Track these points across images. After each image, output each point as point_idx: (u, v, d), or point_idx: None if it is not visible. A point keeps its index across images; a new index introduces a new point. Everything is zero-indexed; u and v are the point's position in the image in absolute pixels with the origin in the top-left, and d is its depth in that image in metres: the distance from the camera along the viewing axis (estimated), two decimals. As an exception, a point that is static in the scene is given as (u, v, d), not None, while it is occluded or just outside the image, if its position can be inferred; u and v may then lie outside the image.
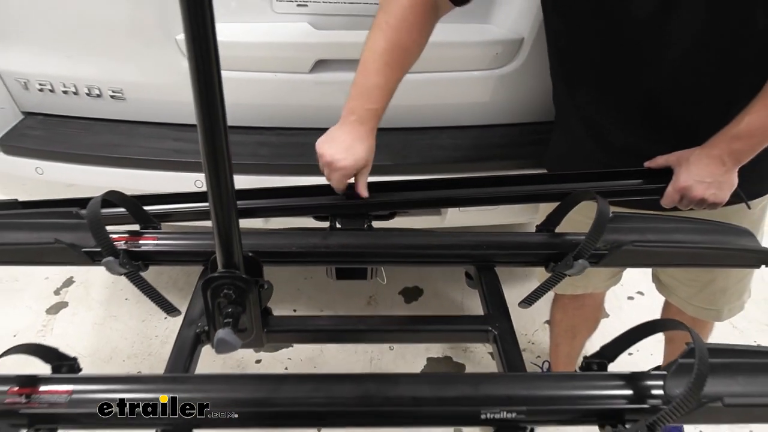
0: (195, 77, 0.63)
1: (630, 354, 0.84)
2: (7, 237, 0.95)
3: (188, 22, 0.60)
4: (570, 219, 1.00)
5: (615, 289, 1.74)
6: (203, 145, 0.69)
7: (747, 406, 0.71)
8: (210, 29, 0.60)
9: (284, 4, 1.32)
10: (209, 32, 0.60)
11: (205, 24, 0.59)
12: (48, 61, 1.40)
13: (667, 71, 1.02)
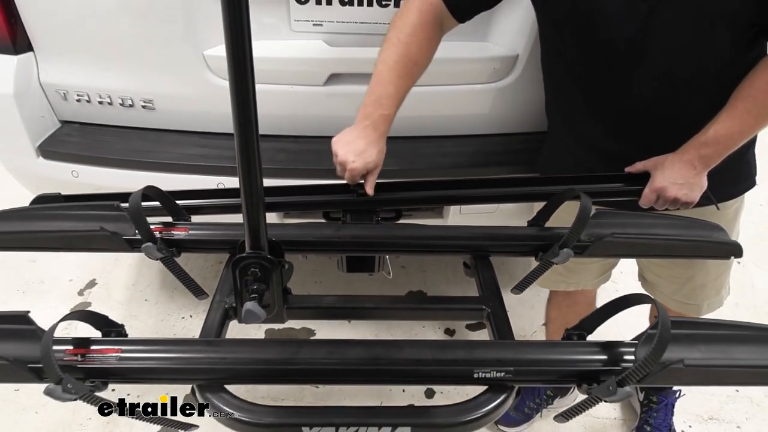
0: (234, 90, 0.76)
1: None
2: (56, 225, 1.07)
3: (230, 43, 0.72)
4: (559, 218, 1.10)
5: (607, 288, 1.85)
6: (238, 146, 0.81)
7: (705, 367, 0.81)
8: (248, 50, 0.73)
9: (301, 23, 1.46)
10: (247, 54, 0.73)
11: (243, 45, 0.72)
12: (86, 75, 1.53)
13: (646, 87, 1.14)
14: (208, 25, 1.43)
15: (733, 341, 0.85)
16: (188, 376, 0.83)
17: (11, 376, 0.79)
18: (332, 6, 1.43)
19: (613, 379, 0.78)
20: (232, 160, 1.49)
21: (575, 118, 1.28)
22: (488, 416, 0.81)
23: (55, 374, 0.76)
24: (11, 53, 1.50)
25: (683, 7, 1.01)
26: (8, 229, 1.08)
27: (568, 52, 1.19)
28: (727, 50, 1.06)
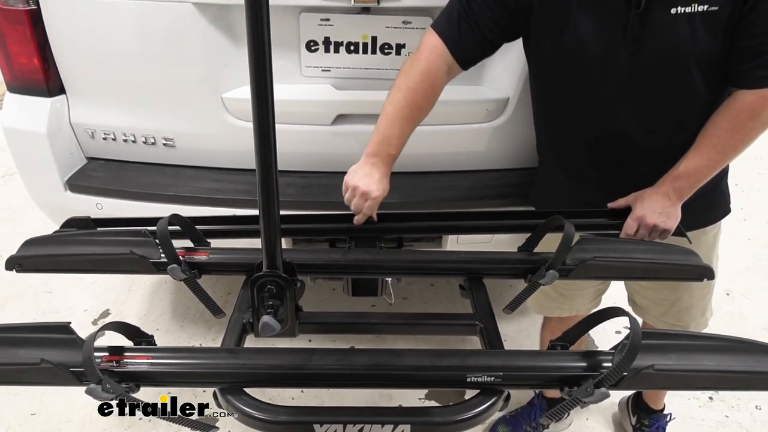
0: (257, 130, 0.88)
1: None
2: (90, 249, 1.18)
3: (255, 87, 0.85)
4: (550, 247, 1.20)
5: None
6: (260, 178, 0.93)
7: (674, 371, 0.90)
8: (270, 95, 0.86)
9: (311, 69, 1.60)
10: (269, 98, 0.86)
11: (266, 90, 0.85)
12: (113, 115, 1.66)
13: (629, 125, 1.25)
14: (227, 71, 1.57)
15: (701, 350, 0.95)
16: (212, 380, 0.92)
17: (55, 379, 0.89)
18: (339, 54, 1.58)
19: (591, 382, 0.88)
20: (245, 194, 1.64)
21: (563, 153, 1.40)
22: (480, 416, 0.90)
23: (96, 376, 0.86)
24: (46, 96, 1.64)
25: (660, 50, 1.14)
26: (46, 252, 1.19)
27: (554, 91, 1.31)
28: (701, 91, 1.18)
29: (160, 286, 2.53)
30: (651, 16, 1.11)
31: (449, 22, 1.26)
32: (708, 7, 1.07)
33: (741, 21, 1.08)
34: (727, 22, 1.08)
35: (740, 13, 1.07)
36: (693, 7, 1.08)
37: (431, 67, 1.27)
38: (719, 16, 1.08)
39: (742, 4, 1.06)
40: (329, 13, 1.51)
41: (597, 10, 1.14)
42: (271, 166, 0.94)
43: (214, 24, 1.51)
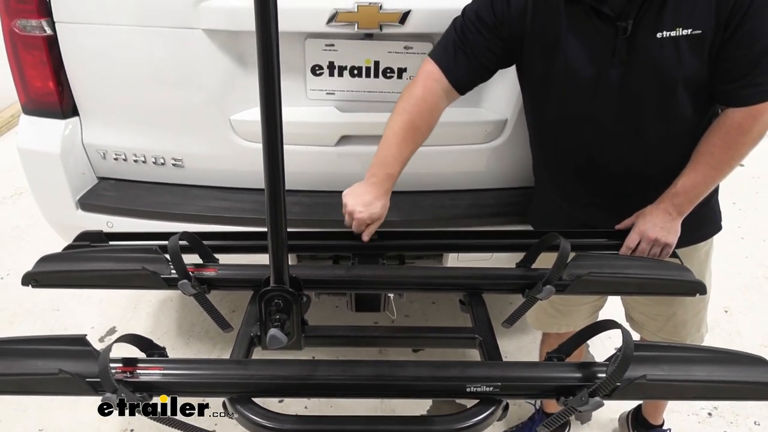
0: (266, 149, 0.94)
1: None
2: (103, 266, 1.23)
3: (264, 110, 0.91)
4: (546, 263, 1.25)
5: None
6: (268, 195, 0.98)
7: (666, 381, 0.94)
8: (278, 115, 0.91)
9: (316, 92, 1.66)
10: (278, 121, 0.91)
11: (275, 112, 0.91)
12: (124, 137, 1.72)
13: (620, 146, 1.31)
14: (235, 94, 1.63)
15: (692, 361, 0.98)
16: (222, 390, 0.96)
17: (72, 388, 0.93)
18: (343, 77, 1.64)
19: (585, 392, 0.92)
20: (251, 212, 1.69)
21: (558, 173, 1.45)
22: (479, 425, 0.93)
23: (112, 386, 0.90)
24: (60, 118, 1.70)
25: (647, 73, 1.20)
26: (60, 268, 1.23)
27: (547, 114, 1.37)
28: (689, 111, 1.24)
29: (165, 303, 2.57)
30: (638, 41, 1.17)
31: (446, 50, 1.32)
32: (692, 31, 1.13)
33: (725, 43, 1.13)
34: (710, 44, 1.14)
35: (723, 35, 1.13)
36: (677, 32, 1.14)
37: (429, 93, 1.32)
38: (703, 39, 1.14)
39: (724, 28, 1.12)
40: (334, 39, 1.57)
41: (586, 36, 1.20)
42: (279, 185, 0.99)
43: (222, 49, 1.57)
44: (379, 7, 1.48)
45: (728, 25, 1.11)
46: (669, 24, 1.14)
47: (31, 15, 1.58)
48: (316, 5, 1.49)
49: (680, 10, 1.13)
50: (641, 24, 1.15)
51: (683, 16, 1.13)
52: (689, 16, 1.13)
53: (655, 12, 1.14)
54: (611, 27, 1.17)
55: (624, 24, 1.16)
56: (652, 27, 1.15)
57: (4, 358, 0.95)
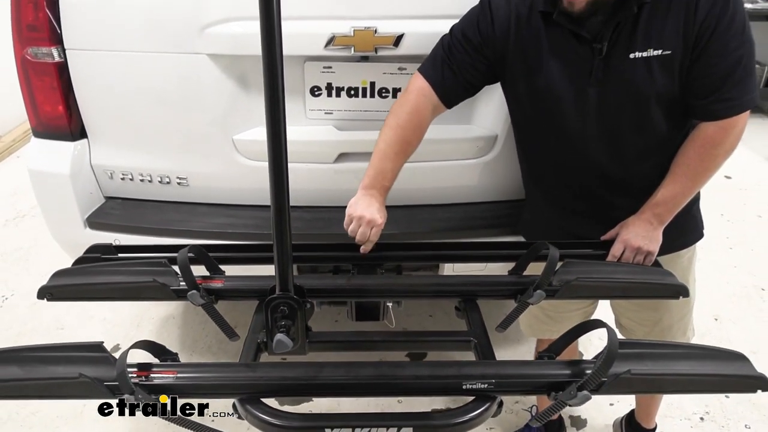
0: (272, 166, 1.01)
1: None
2: (115, 278, 1.29)
3: (270, 127, 0.98)
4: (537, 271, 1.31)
5: (590, 337, 2.04)
6: (274, 207, 1.05)
7: (650, 375, 1.00)
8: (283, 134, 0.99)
9: (315, 112, 1.74)
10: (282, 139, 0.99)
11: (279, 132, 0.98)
12: (130, 157, 1.79)
13: (601, 157, 1.38)
14: (237, 115, 1.71)
15: (674, 357, 1.05)
16: (232, 391, 1.02)
17: (91, 392, 0.98)
18: (341, 98, 1.72)
19: (574, 386, 0.98)
20: (254, 228, 1.76)
21: (546, 184, 1.53)
22: (476, 420, 0.99)
23: (129, 388, 0.96)
24: (69, 140, 1.77)
25: (622, 91, 1.28)
26: (74, 282, 1.29)
27: (532, 129, 1.45)
28: (663, 125, 1.32)
29: (167, 321, 2.61)
30: (612, 61, 1.25)
31: (434, 66, 1.40)
32: (662, 51, 1.22)
33: (694, 62, 1.22)
34: (680, 63, 1.23)
35: (691, 55, 1.21)
36: (649, 52, 1.22)
37: (418, 107, 1.40)
38: (673, 58, 1.22)
39: (692, 49, 1.21)
40: (331, 62, 1.66)
41: (565, 56, 1.29)
42: (283, 197, 1.06)
43: (226, 72, 1.65)
44: (374, 31, 1.57)
45: (696, 45, 1.20)
46: (641, 45, 1.22)
47: (43, 43, 1.66)
48: (315, 30, 1.57)
49: (650, 33, 1.21)
50: (615, 45, 1.24)
51: (653, 38, 1.21)
52: (659, 38, 1.21)
53: (627, 34, 1.23)
54: (588, 48, 1.26)
55: (599, 46, 1.24)
56: (625, 48, 1.23)
57: (26, 365, 1.01)
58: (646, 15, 1.21)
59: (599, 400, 2.16)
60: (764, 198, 3.71)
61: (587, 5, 1.18)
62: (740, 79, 1.21)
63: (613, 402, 2.16)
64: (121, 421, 2.09)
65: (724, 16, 1.17)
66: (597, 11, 1.20)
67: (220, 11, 1.57)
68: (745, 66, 1.20)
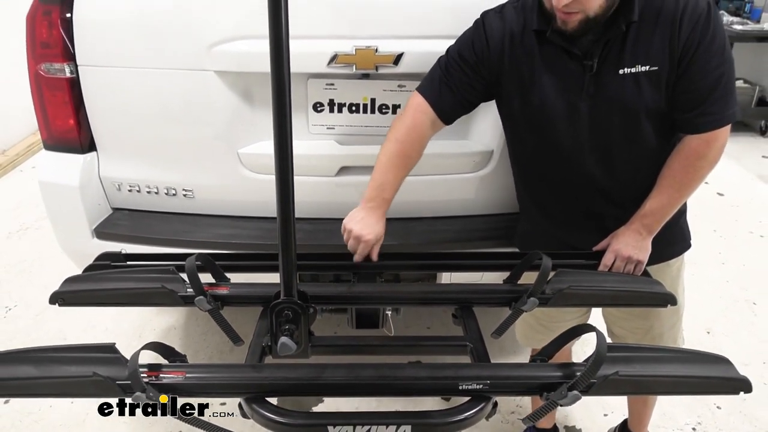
0: (278, 178, 1.07)
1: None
2: (125, 285, 1.34)
3: (277, 141, 1.04)
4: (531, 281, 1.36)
5: (585, 348, 2.08)
6: (280, 215, 1.11)
7: (637, 377, 1.05)
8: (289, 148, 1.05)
9: (317, 127, 1.80)
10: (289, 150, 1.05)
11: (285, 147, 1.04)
12: (137, 170, 1.85)
13: (592, 169, 1.44)
14: (242, 129, 1.77)
15: (661, 360, 1.10)
16: (238, 390, 1.07)
17: (104, 390, 1.03)
18: (342, 113, 1.78)
19: (564, 387, 1.03)
20: (257, 238, 1.81)
21: (539, 196, 1.59)
22: (471, 419, 1.03)
23: (141, 386, 1.00)
24: (79, 153, 1.82)
25: (612, 105, 1.34)
26: (85, 288, 1.34)
27: (526, 144, 1.51)
28: (652, 138, 1.38)
29: (169, 332, 2.65)
30: (603, 77, 1.32)
31: (432, 85, 1.46)
32: (650, 67, 1.29)
33: (679, 78, 1.29)
34: (666, 79, 1.29)
35: (677, 71, 1.28)
36: (637, 68, 1.29)
37: (417, 123, 1.46)
38: (660, 74, 1.29)
39: (677, 65, 1.28)
40: (334, 79, 1.73)
41: (558, 73, 1.35)
42: (289, 207, 1.12)
43: (232, 88, 1.71)
44: (375, 50, 1.64)
45: (680, 62, 1.27)
46: (629, 62, 1.29)
47: (56, 59, 1.73)
48: (318, 49, 1.64)
49: (638, 50, 1.29)
50: (605, 62, 1.31)
51: (641, 55, 1.28)
52: (646, 55, 1.28)
53: (616, 52, 1.30)
54: (579, 65, 1.33)
55: (590, 62, 1.31)
56: (614, 64, 1.30)
57: (41, 364, 1.06)
58: (633, 33, 1.28)
59: (593, 411, 2.20)
60: (756, 214, 3.78)
61: (580, 24, 1.25)
62: (721, 95, 1.28)
63: (607, 413, 2.20)
64: (123, 429, 2.12)
65: (705, 37, 1.24)
66: (588, 30, 1.27)
67: (227, 30, 1.64)
68: (725, 83, 1.28)
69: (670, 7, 1.26)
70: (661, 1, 1.27)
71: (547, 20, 1.32)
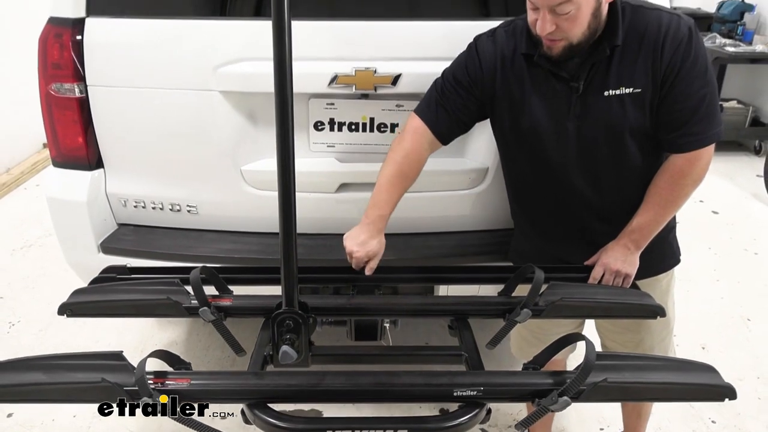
0: (281, 193, 1.12)
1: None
2: (131, 296, 1.38)
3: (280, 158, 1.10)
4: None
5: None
6: (282, 233, 1.16)
7: (625, 383, 1.09)
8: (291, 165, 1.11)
9: (318, 145, 1.86)
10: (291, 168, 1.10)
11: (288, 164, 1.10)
12: (143, 186, 1.90)
13: (580, 187, 1.49)
14: (245, 147, 1.83)
15: (648, 368, 1.15)
16: (241, 396, 1.11)
17: (112, 395, 1.07)
18: (342, 132, 1.84)
19: (555, 393, 1.07)
20: (259, 253, 1.85)
21: (531, 212, 1.64)
22: (466, 424, 1.08)
23: (148, 392, 1.05)
24: (86, 169, 1.88)
25: (598, 125, 1.40)
26: (93, 299, 1.39)
27: (518, 162, 1.57)
28: (637, 157, 1.44)
29: (171, 346, 2.68)
30: (589, 98, 1.38)
31: (428, 107, 1.52)
32: (633, 89, 1.35)
33: (662, 100, 1.35)
34: (650, 100, 1.35)
35: (661, 93, 1.34)
36: (621, 90, 1.35)
37: (415, 145, 1.52)
38: (643, 96, 1.35)
39: (660, 88, 1.34)
40: (334, 99, 1.79)
41: (546, 94, 1.41)
42: (291, 219, 1.17)
43: (236, 108, 1.78)
44: (374, 71, 1.71)
45: (663, 84, 1.33)
46: (614, 84, 1.35)
47: (66, 79, 1.79)
48: (319, 70, 1.70)
49: (622, 73, 1.35)
50: (591, 84, 1.37)
51: (625, 77, 1.35)
52: (630, 78, 1.34)
53: (601, 74, 1.36)
54: (566, 87, 1.39)
55: (576, 84, 1.37)
56: (600, 86, 1.37)
57: (50, 371, 1.10)
58: (618, 57, 1.35)
59: (589, 425, 2.23)
60: (750, 232, 3.82)
61: (564, 50, 1.32)
62: (704, 116, 1.34)
63: (603, 427, 2.23)
64: (125, 442, 2.15)
65: (687, 60, 1.30)
66: (573, 55, 1.33)
67: (232, 52, 1.71)
68: (708, 104, 1.34)
69: (652, 32, 1.32)
70: (644, 26, 1.33)
71: (534, 44, 1.38)
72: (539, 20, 1.28)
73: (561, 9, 1.24)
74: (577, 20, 1.26)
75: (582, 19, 1.26)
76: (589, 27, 1.28)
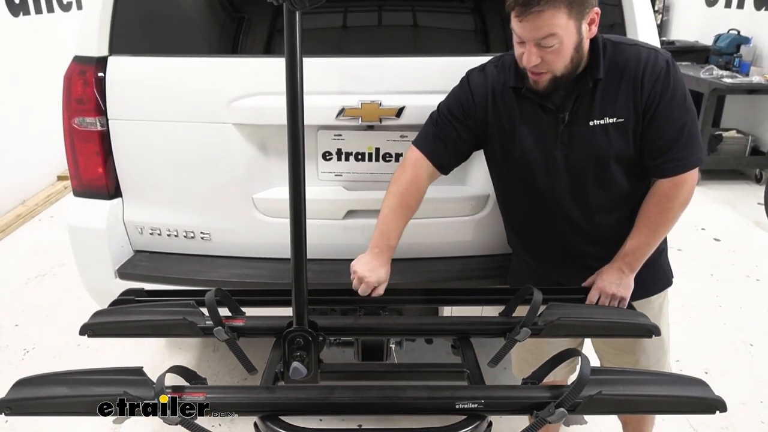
0: (293, 218, 1.20)
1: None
2: (149, 317, 1.45)
3: (292, 187, 1.18)
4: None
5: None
6: (294, 252, 1.23)
7: (619, 396, 1.14)
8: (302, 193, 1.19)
9: (326, 174, 1.95)
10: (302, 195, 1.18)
11: (299, 192, 1.18)
12: (159, 215, 1.99)
13: (571, 212, 1.56)
14: (257, 176, 1.92)
15: (642, 382, 1.20)
16: (255, 409, 1.16)
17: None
18: (349, 161, 1.94)
19: (552, 405, 1.12)
20: (269, 278, 1.92)
21: (525, 238, 1.71)
22: (467, 436, 1.13)
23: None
24: (106, 199, 1.97)
25: (584, 153, 1.48)
26: (113, 320, 1.46)
27: (510, 188, 1.64)
28: (624, 183, 1.51)
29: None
30: (574, 128, 1.47)
31: (426, 139, 1.61)
32: (617, 119, 1.44)
33: (645, 129, 1.43)
34: (633, 129, 1.44)
35: (643, 123, 1.43)
36: (605, 120, 1.44)
37: (415, 176, 1.59)
38: (626, 125, 1.44)
39: (642, 117, 1.42)
40: (341, 130, 1.89)
41: (535, 124, 1.50)
42: (301, 240, 1.25)
43: (248, 139, 1.87)
44: (379, 104, 1.80)
45: (645, 115, 1.42)
46: (598, 114, 1.44)
47: (89, 113, 1.90)
48: (327, 103, 1.81)
49: (606, 104, 1.44)
50: (576, 115, 1.46)
51: (608, 107, 1.43)
52: (613, 108, 1.43)
53: (586, 105, 1.45)
54: (553, 117, 1.48)
55: (562, 115, 1.46)
56: (585, 117, 1.45)
57: (74, 385, 1.17)
58: (600, 89, 1.44)
59: (592, 446, 2.25)
60: (752, 259, 3.87)
61: (549, 83, 1.41)
62: (686, 143, 1.42)
63: None
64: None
65: (666, 92, 1.39)
66: (558, 87, 1.42)
67: (244, 87, 1.82)
68: (689, 131, 1.42)
69: (632, 66, 1.41)
70: (624, 61, 1.42)
71: (522, 78, 1.47)
72: (525, 53, 1.37)
73: (546, 42, 1.33)
74: (560, 53, 1.35)
75: (565, 52, 1.36)
76: (572, 60, 1.38)
